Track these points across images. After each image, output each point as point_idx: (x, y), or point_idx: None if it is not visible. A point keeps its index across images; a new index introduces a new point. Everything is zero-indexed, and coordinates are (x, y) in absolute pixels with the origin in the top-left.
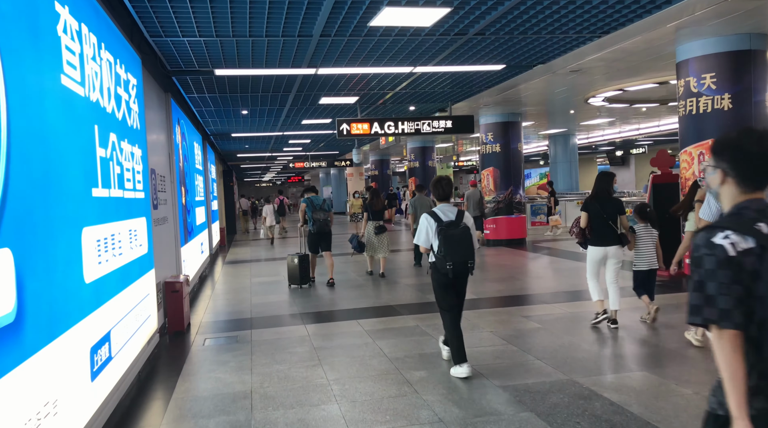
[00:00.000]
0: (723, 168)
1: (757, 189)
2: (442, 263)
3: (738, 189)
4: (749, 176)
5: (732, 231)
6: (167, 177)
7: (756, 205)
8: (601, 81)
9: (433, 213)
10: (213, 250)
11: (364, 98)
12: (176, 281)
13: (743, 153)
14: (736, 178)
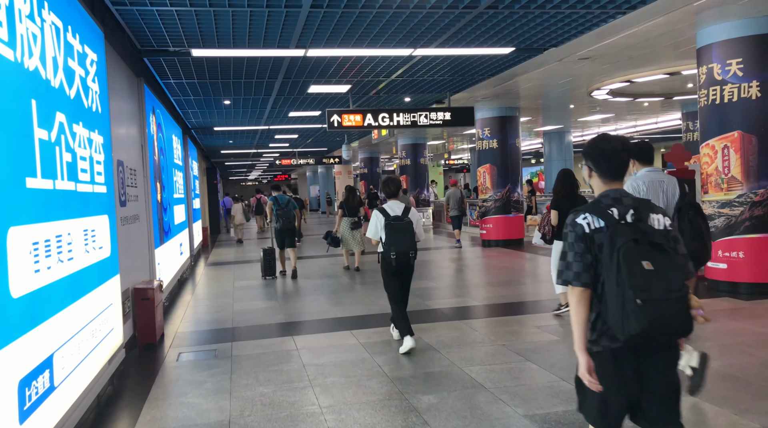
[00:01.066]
0: (589, 165)
1: (614, 180)
2: (387, 253)
3: (600, 180)
4: (605, 171)
5: (590, 214)
6: (139, 170)
7: (613, 194)
8: (609, 71)
9: (382, 208)
10: (194, 251)
11: (357, 87)
12: (147, 287)
13: (600, 152)
14: (598, 172)
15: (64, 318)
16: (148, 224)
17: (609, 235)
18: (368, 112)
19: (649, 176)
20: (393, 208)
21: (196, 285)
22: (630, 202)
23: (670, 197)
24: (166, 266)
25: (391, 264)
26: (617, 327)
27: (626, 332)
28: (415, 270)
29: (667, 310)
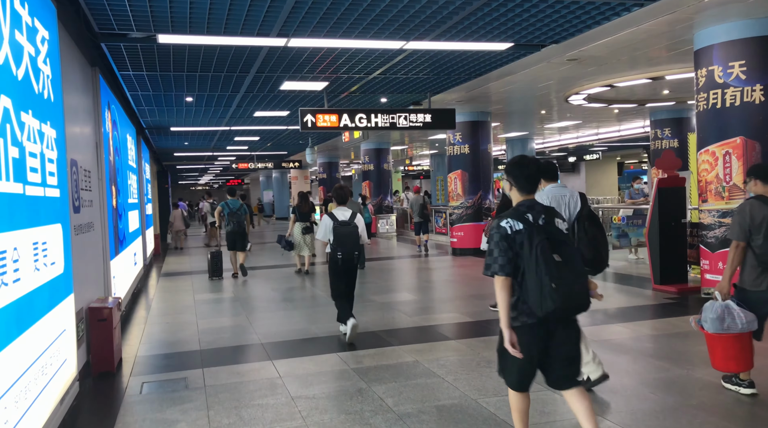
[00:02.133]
0: (510, 180)
1: (529, 193)
2: (334, 253)
3: (518, 193)
4: (523, 185)
5: (511, 219)
6: (94, 172)
7: (528, 203)
8: (593, 74)
9: (331, 213)
10: (147, 260)
11: (334, 85)
12: (104, 306)
13: (519, 170)
14: (517, 186)
15: (6, 359)
16: (102, 233)
17: (527, 235)
18: (344, 113)
19: (553, 192)
20: (341, 214)
21: (151, 300)
22: (541, 209)
23: (572, 209)
24: (121, 279)
25: (338, 264)
26: (537, 306)
27: (544, 309)
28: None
29: (574, 291)
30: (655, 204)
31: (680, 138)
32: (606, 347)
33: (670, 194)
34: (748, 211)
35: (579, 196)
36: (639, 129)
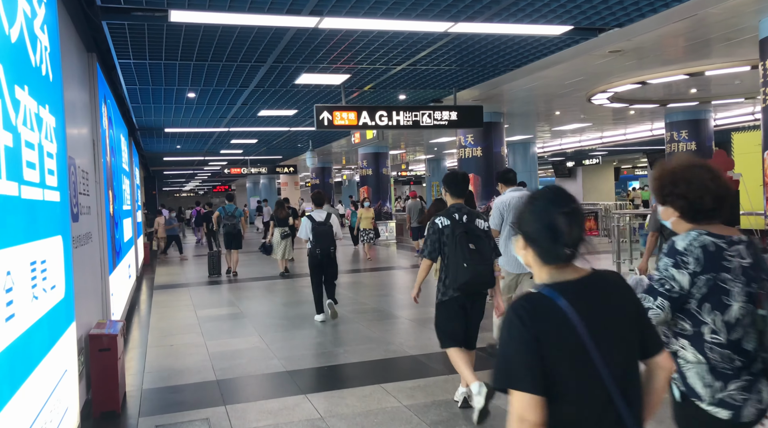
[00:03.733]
0: (445, 189)
1: (458, 198)
2: (313, 250)
3: (451, 198)
4: (454, 192)
5: (442, 216)
6: (91, 174)
7: (457, 206)
8: (628, 70)
9: (310, 216)
10: (138, 272)
11: (355, 78)
12: (106, 333)
13: (452, 180)
14: (450, 193)
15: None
16: (101, 244)
17: (451, 228)
18: (364, 110)
19: (511, 194)
20: (318, 216)
21: (147, 317)
22: (466, 211)
23: None
24: (118, 296)
25: (316, 258)
26: (454, 281)
27: (459, 282)
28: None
29: (480, 271)
30: None
31: (698, 140)
32: None
33: None
34: None
35: None
36: (646, 132)
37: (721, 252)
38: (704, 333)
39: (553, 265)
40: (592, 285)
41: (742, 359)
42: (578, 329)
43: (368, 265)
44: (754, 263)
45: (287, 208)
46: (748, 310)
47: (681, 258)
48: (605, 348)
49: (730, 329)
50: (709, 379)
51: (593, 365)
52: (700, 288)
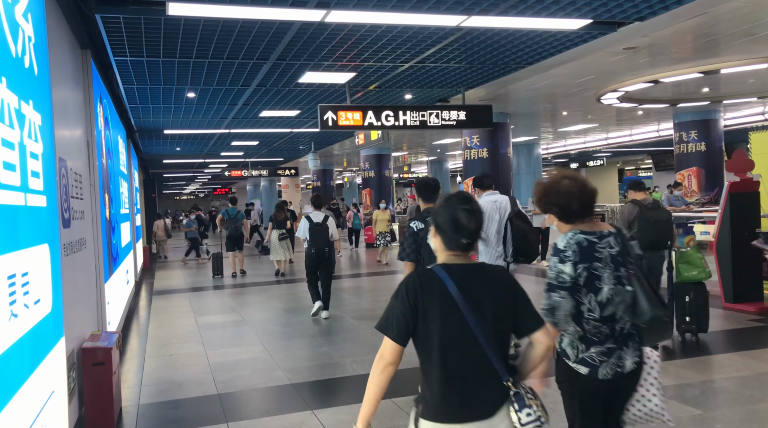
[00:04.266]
0: (417, 194)
1: (430, 202)
2: (309, 248)
3: (423, 202)
4: (425, 197)
5: (417, 221)
6: (85, 177)
7: (430, 209)
8: (640, 68)
9: (308, 216)
10: (137, 277)
11: (360, 76)
12: (100, 346)
13: (424, 186)
14: (422, 198)
15: None
16: (96, 251)
17: (426, 231)
18: (369, 109)
19: (487, 199)
20: (316, 217)
21: (146, 324)
22: None
23: (502, 212)
24: (115, 304)
25: (312, 256)
26: None
27: None
28: None
29: None
30: (725, 212)
31: (708, 140)
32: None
33: (743, 200)
34: None
35: (509, 199)
36: (653, 133)
37: (593, 246)
38: (583, 311)
39: (451, 252)
40: (476, 272)
41: (609, 330)
42: (455, 297)
43: (372, 269)
44: (621, 250)
45: (286, 210)
46: (617, 291)
47: (563, 254)
48: (479, 315)
49: (603, 307)
50: (577, 344)
51: (467, 325)
52: (580, 275)
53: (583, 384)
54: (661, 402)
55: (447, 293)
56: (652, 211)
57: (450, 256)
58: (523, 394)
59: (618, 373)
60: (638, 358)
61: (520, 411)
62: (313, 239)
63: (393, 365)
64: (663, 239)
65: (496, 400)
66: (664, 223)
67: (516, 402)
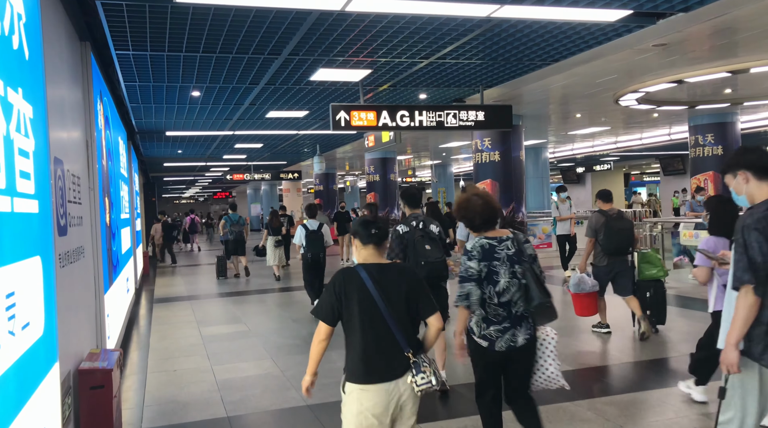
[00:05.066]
0: (403, 201)
1: (415, 208)
2: (305, 254)
3: (408, 208)
4: (410, 203)
5: (402, 224)
6: (84, 179)
7: (414, 215)
8: (667, 67)
9: (304, 224)
10: (137, 284)
11: (376, 74)
12: (99, 367)
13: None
14: (408, 205)
15: None
16: (95, 259)
17: (411, 233)
18: (383, 109)
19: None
20: (311, 224)
21: (149, 335)
22: (422, 219)
23: None
24: (115, 316)
25: (308, 261)
26: None
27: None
28: None
29: (436, 266)
30: None
31: (725, 144)
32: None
33: None
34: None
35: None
36: (664, 136)
37: (493, 249)
38: (485, 299)
39: (365, 249)
40: (387, 269)
41: (506, 313)
42: (369, 288)
43: None
44: (517, 251)
45: (281, 216)
46: (512, 282)
47: (470, 254)
48: (387, 302)
49: (500, 296)
50: (481, 323)
51: (378, 310)
52: (482, 271)
53: (484, 354)
54: (557, 370)
55: (364, 285)
56: (617, 221)
57: (366, 257)
58: (420, 363)
59: (511, 347)
60: (529, 335)
61: (416, 376)
62: (309, 245)
63: (325, 341)
64: (625, 246)
65: (400, 367)
66: (627, 232)
67: (414, 368)
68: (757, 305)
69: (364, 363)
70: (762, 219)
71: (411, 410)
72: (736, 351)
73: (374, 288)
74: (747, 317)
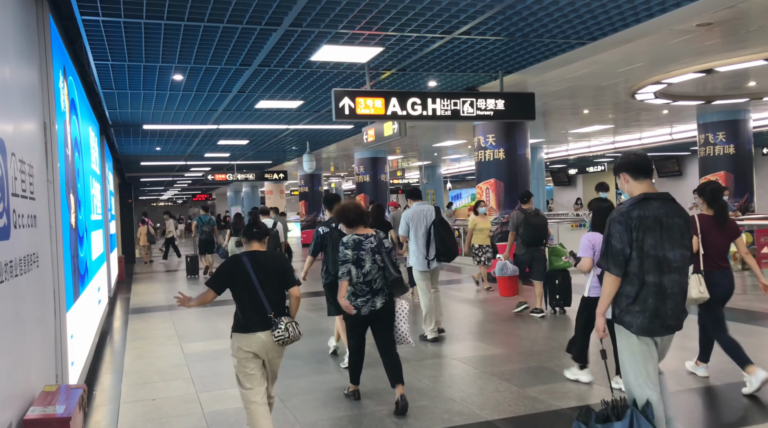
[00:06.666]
0: (325, 207)
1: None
2: None
3: (329, 213)
4: (329, 208)
5: (323, 226)
6: (40, 169)
7: (332, 219)
8: (700, 53)
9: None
10: (111, 292)
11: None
12: (50, 417)
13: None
14: (327, 209)
15: None
16: (55, 269)
17: (330, 234)
18: (393, 96)
19: (416, 208)
20: (267, 223)
21: (123, 352)
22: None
23: (428, 219)
24: (81, 336)
25: None
26: (333, 270)
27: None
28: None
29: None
30: None
31: (737, 143)
32: None
33: None
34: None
35: (434, 209)
36: (665, 136)
37: (361, 242)
38: (352, 277)
39: (250, 243)
40: (263, 255)
41: (367, 289)
42: (249, 269)
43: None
44: (377, 245)
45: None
46: (373, 267)
47: (346, 245)
48: (260, 278)
49: (365, 276)
50: (351, 297)
51: (253, 284)
52: (353, 257)
53: (354, 318)
54: (406, 330)
55: (245, 267)
56: (534, 217)
57: (251, 247)
58: (278, 322)
59: (372, 311)
60: (385, 301)
61: (275, 330)
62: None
63: (209, 301)
64: (540, 238)
65: (265, 323)
66: (542, 227)
67: (274, 325)
68: (618, 282)
69: (243, 319)
70: (624, 214)
71: (276, 353)
72: (603, 319)
73: (252, 269)
74: (610, 292)
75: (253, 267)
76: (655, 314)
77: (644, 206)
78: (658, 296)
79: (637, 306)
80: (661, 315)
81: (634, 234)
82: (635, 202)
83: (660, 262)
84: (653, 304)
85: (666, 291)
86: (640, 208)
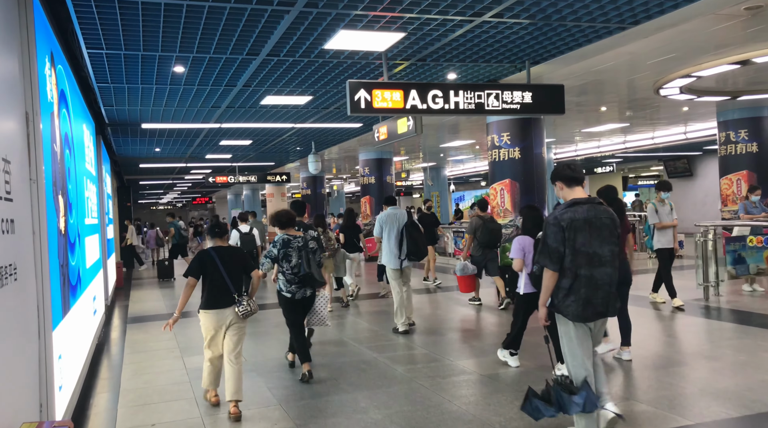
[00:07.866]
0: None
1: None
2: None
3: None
4: (298, 213)
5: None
6: (20, 166)
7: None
8: (743, 41)
9: (237, 229)
10: (108, 300)
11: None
12: None
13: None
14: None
15: None
16: (39, 280)
17: (288, 243)
18: (413, 88)
19: (389, 212)
20: (244, 228)
21: (121, 368)
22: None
23: (401, 222)
24: (73, 353)
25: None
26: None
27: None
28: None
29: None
30: None
31: (760, 141)
32: None
33: None
34: None
35: (406, 212)
36: (679, 136)
37: (290, 241)
38: (285, 270)
39: (213, 240)
40: (228, 249)
41: (298, 279)
42: (216, 260)
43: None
44: (304, 244)
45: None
46: (299, 262)
47: (275, 243)
48: (226, 267)
49: (293, 268)
50: (284, 284)
51: (219, 271)
52: (281, 254)
53: (288, 302)
54: (325, 316)
55: (213, 259)
56: (491, 222)
57: (215, 243)
58: (241, 300)
59: (304, 296)
60: (311, 290)
61: (238, 306)
62: (242, 245)
63: (193, 288)
64: (495, 241)
65: (229, 301)
66: (497, 231)
67: (237, 303)
68: (555, 276)
69: (210, 299)
70: (557, 217)
71: (237, 326)
72: (545, 309)
73: (218, 259)
74: (549, 285)
75: (218, 258)
76: (588, 302)
77: (575, 210)
78: (590, 287)
79: (572, 297)
80: (593, 303)
81: (567, 234)
82: (567, 206)
83: (591, 257)
84: (585, 294)
85: (597, 282)
86: (571, 211)
